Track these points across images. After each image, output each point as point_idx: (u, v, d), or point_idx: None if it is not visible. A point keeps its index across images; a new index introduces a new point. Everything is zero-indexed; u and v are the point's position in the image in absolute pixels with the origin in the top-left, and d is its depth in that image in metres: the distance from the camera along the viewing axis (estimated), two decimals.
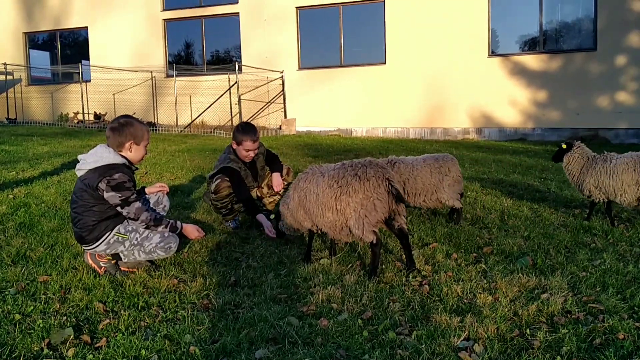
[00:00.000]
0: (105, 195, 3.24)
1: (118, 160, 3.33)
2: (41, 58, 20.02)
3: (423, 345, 2.49)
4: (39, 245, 4.00)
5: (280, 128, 15.68)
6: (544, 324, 2.71)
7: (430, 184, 4.59)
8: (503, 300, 2.98)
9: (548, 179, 7.17)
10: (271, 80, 16.06)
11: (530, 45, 14.24)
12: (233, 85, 14.86)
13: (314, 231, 3.77)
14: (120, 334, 2.61)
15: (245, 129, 4.63)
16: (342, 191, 3.34)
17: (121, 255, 3.46)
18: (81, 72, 16.37)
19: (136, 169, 3.53)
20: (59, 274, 3.42)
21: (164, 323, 2.77)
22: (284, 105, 16.23)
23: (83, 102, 16.17)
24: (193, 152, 10.12)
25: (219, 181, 4.59)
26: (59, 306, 2.94)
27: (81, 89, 15.89)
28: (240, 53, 16.68)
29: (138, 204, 3.33)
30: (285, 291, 3.22)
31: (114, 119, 3.46)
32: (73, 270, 3.49)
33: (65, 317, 2.80)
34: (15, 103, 17.90)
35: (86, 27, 18.46)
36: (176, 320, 2.81)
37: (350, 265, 3.68)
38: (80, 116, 16.80)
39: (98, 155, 3.31)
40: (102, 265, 3.46)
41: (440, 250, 3.95)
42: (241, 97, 14.91)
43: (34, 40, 19.86)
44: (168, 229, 3.44)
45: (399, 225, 3.45)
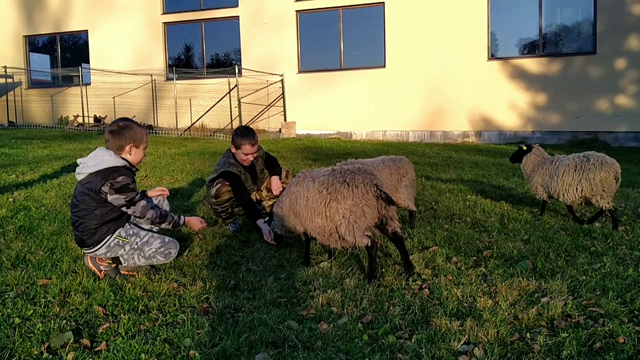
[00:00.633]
0: (109, 197, 3.25)
1: (119, 162, 3.34)
2: (41, 61, 20.05)
3: (423, 349, 2.49)
4: (38, 248, 4.00)
5: (280, 131, 15.69)
6: (544, 328, 2.71)
7: (390, 185, 4.57)
8: (503, 304, 2.98)
9: None
10: (271, 84, 16.08)
11: (530, 49, 14.26)
12: (233, 88, 14.88)
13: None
14: (120, 338, 2.60)
15: (244, 133, 4.64)
16: (332, 198, 3.36)
17: (121, 259, 3.47)
18: (81, 75, 16.38)
19: (136, 171, 3.55)
20: (59, 277, 3.41)
21: (164, 327, 2.76)
22: (284, 109, 16.25)
23: (83, 105, 16.18)
24: (193, 155, 10.12)
25: (219, 185, 4.59)
26: (58, 310, 2.94)
27: (81, 92, 15.90)
28: (240, 56, 16.71)
29: (143, 202, 3.39)
30: (285, 295, 3.22)
31: (112, 122, 3.48)
32: (73, 274, 3.48)
33: (65, 321, 2.80)
34: (15, 106, 17.90)
35: (86, 30, 18.50)
36: (176, 324, 2.81)
37: (350, 268, 3.68)
38: (80, 119, 16.80)
39: (99, 159, 3.31)
40: (102, 268, 3.47)
41: (440, 253, 3.95)
42: (241, 101, 14.93)
43: (34, 44, 19.89)
44: (172, 224, 3.55)
45: (392, 229, 3.47)
